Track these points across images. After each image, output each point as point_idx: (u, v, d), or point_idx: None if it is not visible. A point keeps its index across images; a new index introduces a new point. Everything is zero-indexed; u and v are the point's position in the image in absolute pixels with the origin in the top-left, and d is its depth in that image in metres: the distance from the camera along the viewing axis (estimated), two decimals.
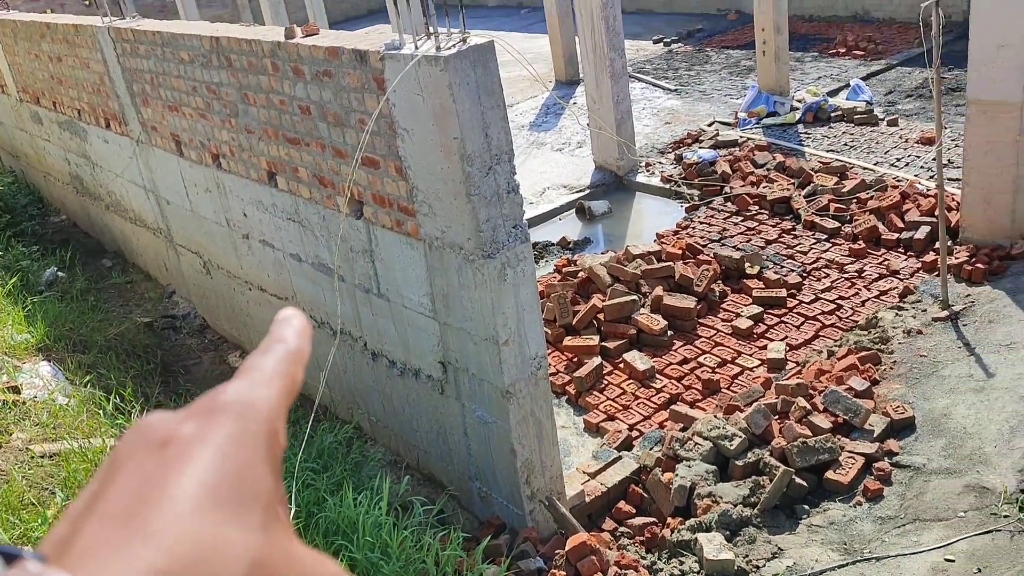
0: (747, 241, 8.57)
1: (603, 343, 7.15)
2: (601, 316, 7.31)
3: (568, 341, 7.19)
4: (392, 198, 4.86)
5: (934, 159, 7.44)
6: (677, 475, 5.48)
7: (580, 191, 10.52)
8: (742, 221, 8.97)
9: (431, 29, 4.23)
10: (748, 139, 10.98)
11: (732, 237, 8.69)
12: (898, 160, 9.86)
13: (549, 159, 11.67)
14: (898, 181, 9.11)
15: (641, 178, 10.54)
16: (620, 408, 6.51)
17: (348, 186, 5.09)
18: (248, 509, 0.42)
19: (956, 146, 9.50)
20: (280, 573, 0.42)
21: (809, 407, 5.83)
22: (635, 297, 7.36)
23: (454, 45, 4.13)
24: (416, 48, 4.24)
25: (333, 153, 5.16)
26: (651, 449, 5.88)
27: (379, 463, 6.04)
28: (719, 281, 7.78)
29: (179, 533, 0.40)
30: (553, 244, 9.37)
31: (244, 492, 0.43)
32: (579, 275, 7.86)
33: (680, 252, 8.04)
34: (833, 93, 12.30)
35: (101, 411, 6.17)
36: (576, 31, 10.69)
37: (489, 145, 4.28)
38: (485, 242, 4.40)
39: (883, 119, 11.10)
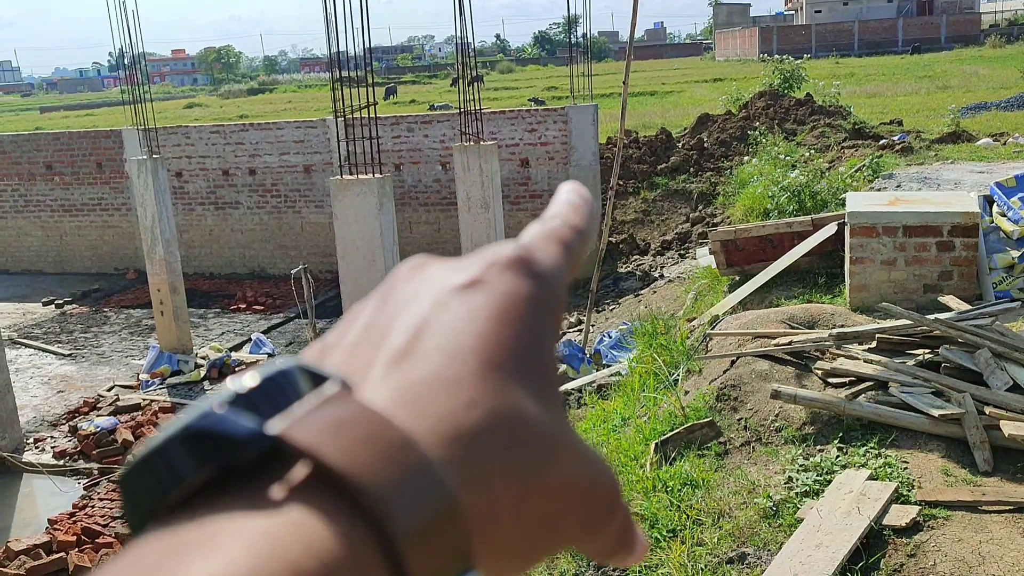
0: None
1: None
2: None
3: None
4: None
5: None
6: None
7: None
8: None
9: None
10: (152, 401, 10.55)
11: None
12: None
13: None
14: None
15: (29, 456, 9.35)
16: None
17: None
18: (543, 387, 0.35)
19: None
20: (562, 459, 0.35)
21: None
22: None
23: None
24: None
25: None
26: None
27: None
28: None
29: (482, 387, 0.33)
30: None
31: (540, 365, 0.36)
32: None
33: (75, 538, 7.15)
34: (237, 348, 12.58)
35: None
36: None
37: None
38: None
39: None
